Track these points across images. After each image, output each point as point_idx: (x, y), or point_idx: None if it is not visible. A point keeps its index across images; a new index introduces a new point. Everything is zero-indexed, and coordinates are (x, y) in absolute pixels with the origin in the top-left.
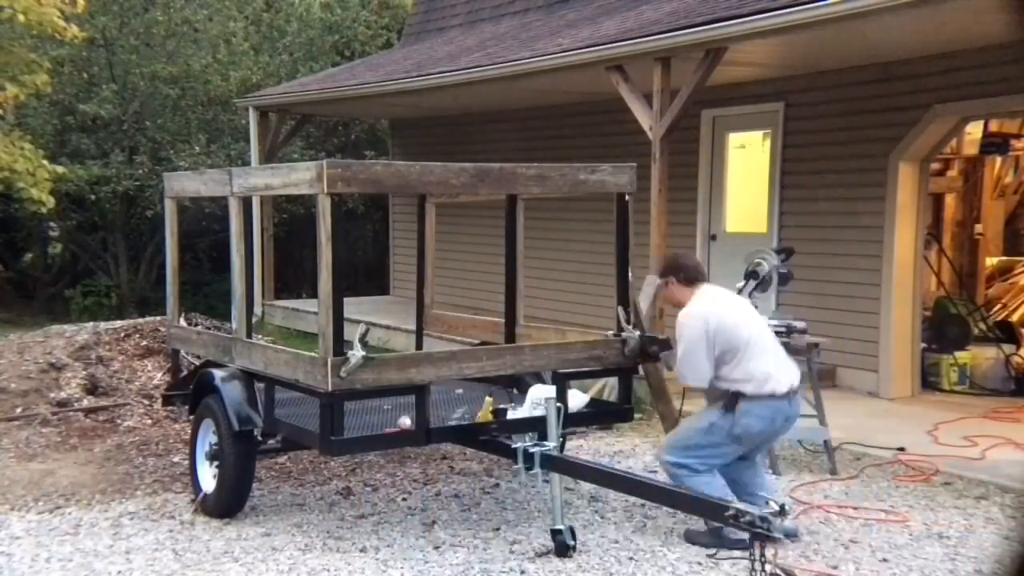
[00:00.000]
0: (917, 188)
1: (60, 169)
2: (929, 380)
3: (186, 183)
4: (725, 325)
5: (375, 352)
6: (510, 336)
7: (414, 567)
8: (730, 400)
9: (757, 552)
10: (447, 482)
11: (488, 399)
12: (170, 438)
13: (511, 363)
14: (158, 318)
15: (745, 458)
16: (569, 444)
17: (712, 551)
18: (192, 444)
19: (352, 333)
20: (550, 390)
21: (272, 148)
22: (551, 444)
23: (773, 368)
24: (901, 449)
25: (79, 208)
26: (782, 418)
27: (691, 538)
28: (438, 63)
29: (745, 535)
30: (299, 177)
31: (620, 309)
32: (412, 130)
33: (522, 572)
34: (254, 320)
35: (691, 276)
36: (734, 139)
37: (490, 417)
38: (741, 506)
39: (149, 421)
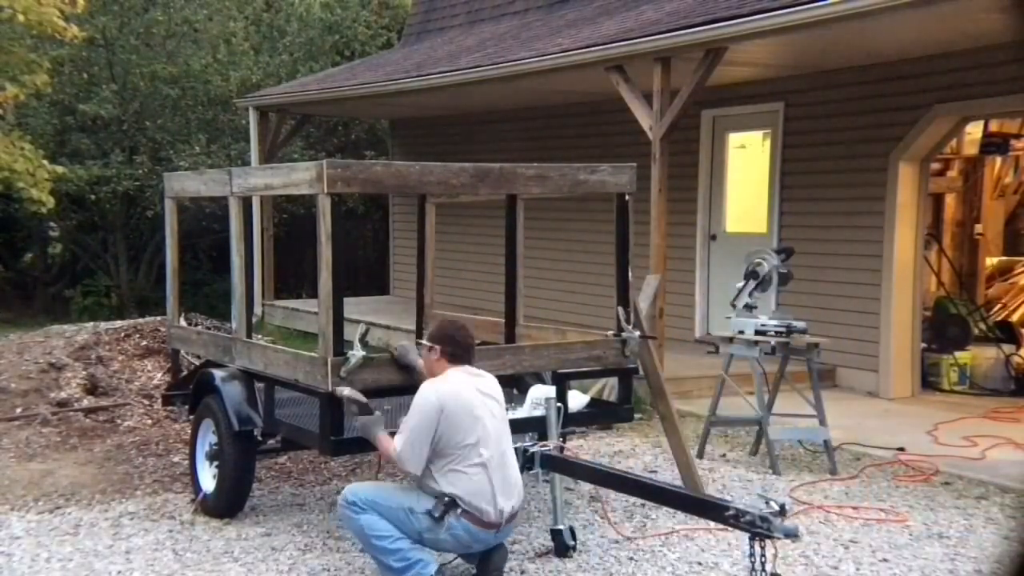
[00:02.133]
0: (917, 188)
1: (60, 169)
2: (929, 380)
3: (186, 183)
4: (459, 413)
5: (375, 352)
6: (510, 336)
7: None
8: (445, 508)
9: (757, 552)
10: None
11: None
12: (170, 438)
13: (511, 363)
14: (158, 318)
15: None
16: (569, 444)
17: None
18: (192, 444)
19: (352, 333)
20: (550, 390)
21: (272, 148)
22: (551, 444)
23: (497, 487)
24: (901, 449)
25: (79, 208)
26: (480, 546)
27: None
28: (438, 63)
29: None
30: (299, 177)
31: (620, 309)
32: (412, 130)
33: (522, 572)
34: (254, 320)
35: (460, 355)
36: (734, 139)
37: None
38: (741, 506)
39: (149, 421)
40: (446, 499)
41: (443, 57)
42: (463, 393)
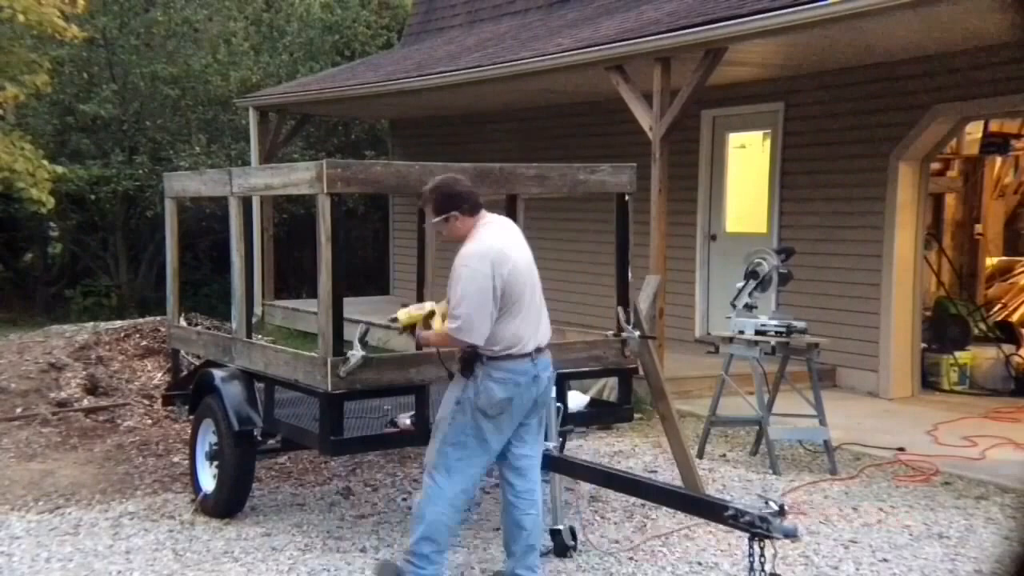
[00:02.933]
0: (917, 188)
1: (60, 169)
2: (929, 380)
3: (186, 183)
4: (504, 269)
5: (375, 352)
6: None
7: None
8: (467, 361)
9: (757, 552)
10: None
11: None
12: (170, 438)
13: None
14: (158, 318)
15: (517, 458)
16: (569, 444)
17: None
18: (192, 444)
19: (352, 333)
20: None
21: (272, 148)
22: (551, 444)
23: (531, 330)
24: (901, 449)
25: (79, 208)
26: (527, 378)
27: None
28: (438, 63)
29: None
30: (299, 177)
31: (620, 309)
32: (412, 130)
33: None
34: (254, 320)
35: (473, 205)
36: (734, 139)
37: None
38: (740, 506)
39: (149, 421)
40: (464, 356)
41: (443, 57)
42: (502, 240)
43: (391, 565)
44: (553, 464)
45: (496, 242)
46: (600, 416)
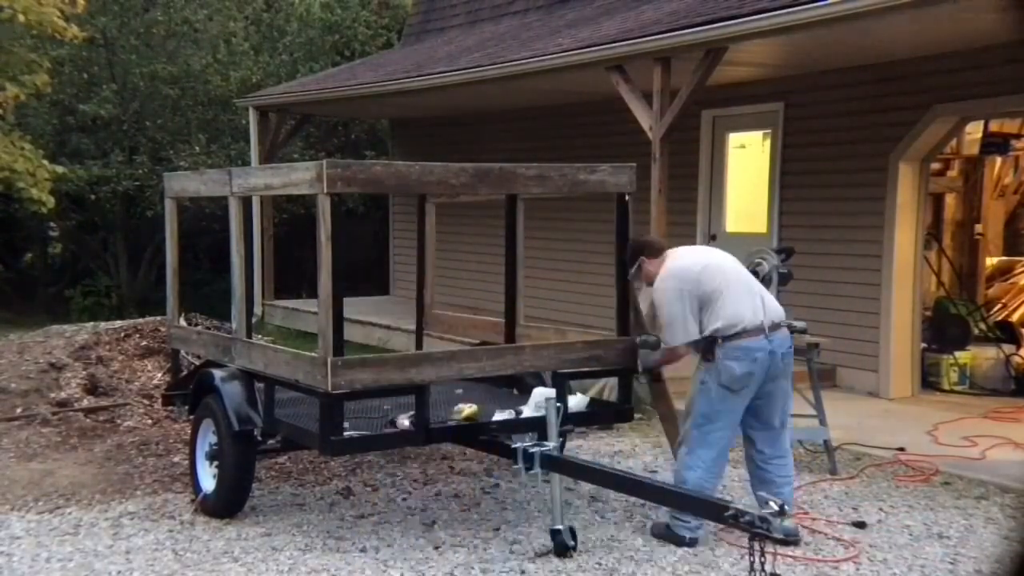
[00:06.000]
0: (917, 188)
1: (60, 169)
2: (929, 380)
3: (186, 183)
4: (690, 277)
5: (375, 352)
6: (510, 336)
7: (414, 567)
8: (707, 347)
9: (757, 552)
10: (447, 482)
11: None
12: (170, 438)
13: (511, 363)
14: (158, 318)
15: (765, 426)
16: (569, 444)
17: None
18: (192, 444)
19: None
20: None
21: (272, 148)
22: (551, 444)
23: (747, 309)
24: (901, 449)
25: (79, 208)
26: (764, 353)
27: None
28: (438, 63)
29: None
30: (299, 177)
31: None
32: (412, 130)
33: (522, 572)
34: (254, 320)
35: (656, 249)
36: (734, 139)
37: (467, 412)
38: (740, 506)
39: (149, 421)
40: (703, 342)
41: (443, 57)
42: (685, 260)
43: (660, 524)
44: (553, 464)
45: (675, 264)
46: (600, 416)
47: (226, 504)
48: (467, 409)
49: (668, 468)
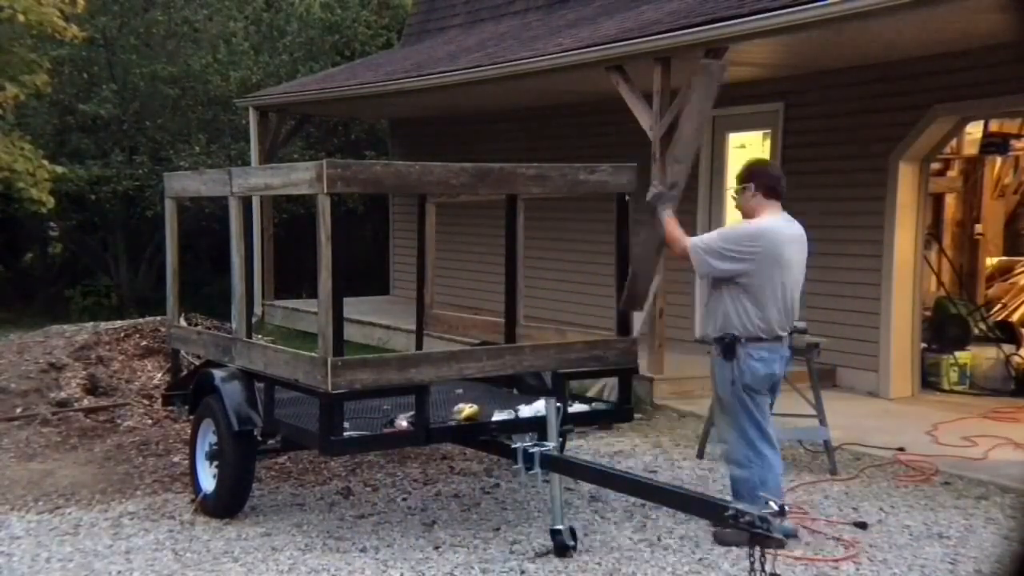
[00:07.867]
0: (917, 188)
1: (60, 169)
2: (929, 380)
3: (186, 183)
4: (762, 251)
5: (375, 352)
6: (510, 336)
7: (414, 567)
8: (727, 347)
9: (756, 552)
10: (447, 482)
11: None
12: (170, 438)
13: (511, 363)
14: (158, 318)
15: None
16: (569, 444)
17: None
18: (192, 444)
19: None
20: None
21: (272, 148)
22: (551, 444)
23: (776, 317)
24: (901, 449)
25: (79, 208)
26: (781, 359)
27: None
28: (438, 63)
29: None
30: (299, 177)
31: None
32: (412, 130)
33: (522, 572)
34: (254, 320)
35: (773, 192)
36: (734, 139)
37: (467, 412)
38: (740, 506)
39: (149, 421)
40: (725, 340)
41: (443, 57)
42: (781, 234)
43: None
44: (553, 464)
45: (770, 227)
46: (600, 416)
47: (226, 504)
48: (467, 409)
49: (668, 468)
